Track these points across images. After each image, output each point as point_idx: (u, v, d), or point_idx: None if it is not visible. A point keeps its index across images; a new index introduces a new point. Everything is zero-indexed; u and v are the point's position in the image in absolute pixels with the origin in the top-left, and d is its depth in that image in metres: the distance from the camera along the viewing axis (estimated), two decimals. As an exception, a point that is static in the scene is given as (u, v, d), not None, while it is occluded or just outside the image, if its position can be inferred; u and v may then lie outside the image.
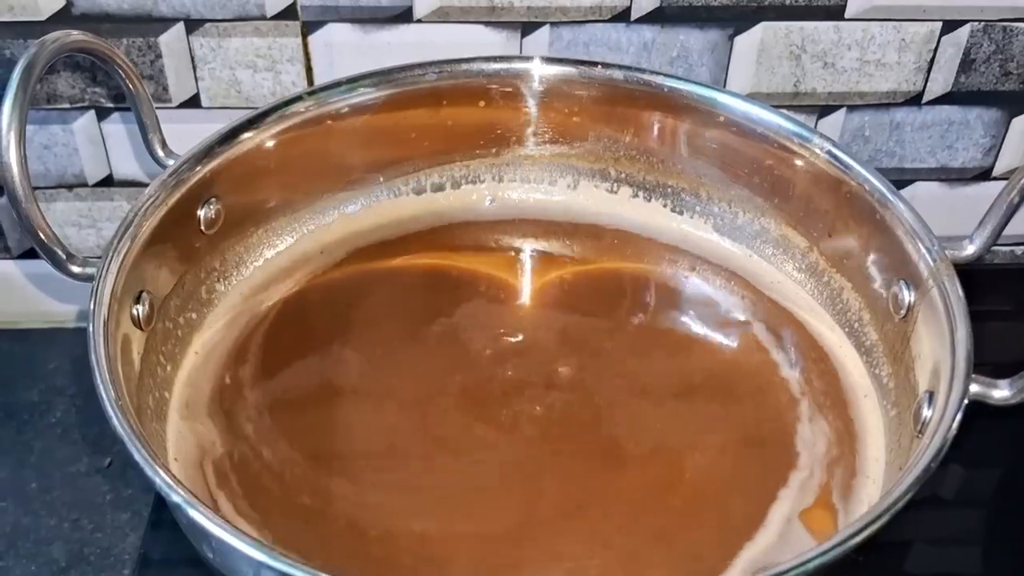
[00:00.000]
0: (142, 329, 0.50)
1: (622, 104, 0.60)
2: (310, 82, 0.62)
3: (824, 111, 0.65)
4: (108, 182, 0.64)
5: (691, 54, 0.62)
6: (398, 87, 0.59)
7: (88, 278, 0.48)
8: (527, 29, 0.61)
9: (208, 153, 0.54)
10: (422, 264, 0.61)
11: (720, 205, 0.61)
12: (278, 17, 0.59)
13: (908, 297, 0.52)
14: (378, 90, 0.59)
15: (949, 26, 0.62)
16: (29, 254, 0.66)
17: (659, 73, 0.59)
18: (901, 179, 0.68)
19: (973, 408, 0.45)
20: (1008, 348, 0.64)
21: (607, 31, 0.61)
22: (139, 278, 0.50)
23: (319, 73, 0.61)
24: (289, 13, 0.59)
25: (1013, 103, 0.65)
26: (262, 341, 0.56)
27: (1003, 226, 0.52)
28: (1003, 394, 0.46)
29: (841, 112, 0.65)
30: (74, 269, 0.49)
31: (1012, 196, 0.51)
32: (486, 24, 0.60)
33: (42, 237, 0.49)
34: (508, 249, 0.62)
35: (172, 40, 0.59)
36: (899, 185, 0.56)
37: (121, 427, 0.42)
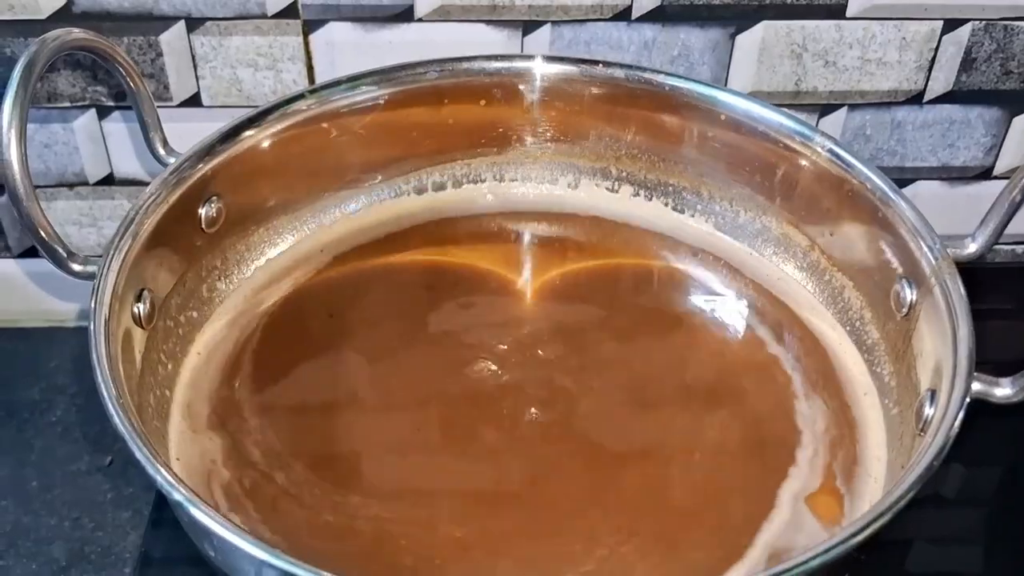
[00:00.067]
0: (143, 327, 0.50)
1: (623, 103, 0.60)
2: (311, 81, 0.62)
3: (825, 110, 0.65)
4: (109, 181, 0.64)
5: (692, 53, 0.62)
6: (399, 86, 0.59)
7: (89, 276, 0.48)
8: (528, 28, 0.61)
9: (209, 151, 0.54)
10: (422, 260, 0.61)
11: (721, 204, 0.61)
12: (279, 16, 0.59)
13: (910, 295, 0.52)
14: (379, 89, 0.59)
15: (950, 25, 0.62)
16: (30, 253, 0.66)
17: (660, 72, 0.59)
18: (902, 178, 0.67)
19: (974, 407, 0.45)
20: (1010, 347, 0.64)
21: (608, 30, 0.61)
22: (140, 276, 0.50)
23: (320, 72, 0.61)
24: (290, 12, 0.59)
25: (1014, 102, 0.65)
26: (262, 343, 0.56)
27: (1005, 225, 0.52)
28: (1005, 392, 0.46)
29: (842, 111, 0.65)
30: (75, 267, 0.49)
31: (1014, 195, 0.51)
32: (487, 23, 0.60)
33: (43, 235, 0.48)
34: (508, 242, 0.62)
35: (173, 38, 0.59)
36: (900, 184, 0.56)
37: (122, 425, 0.42)
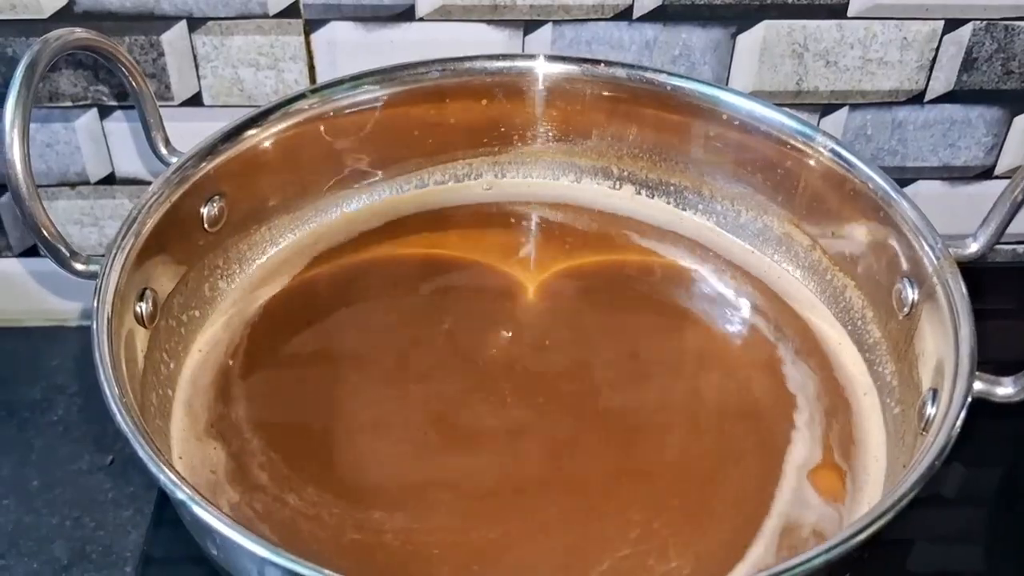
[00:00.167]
0: (145, 327, 0.50)
1: (625, 102, 0.60)
2: (312, 80, 0.62)
3: (826, 110, 0.65)
4: (110, 180, 0.64)
5: (693, 52, 0.62)
6: (401, 85, 0.59)
7: (91, 275, 0.48)
8: (529, 27, 0.61)
9: (211, 151, 0.54)
10: (420, 253, 0.60)
11: (723, 203, 0.61)
12: (281, 15, 0.59)
13: (911, 295, 0.52)
14: (381, 88, 0.59)
15: (951, 25, 0.62)
16: (31, 252, 0.66)
17: (662, 71, 0.59)
18: (903, 178, 0.68)
19: (975, 407, 0.45)
20: (1011, 346, 0.64)
21: (609, 29, 0.61)
22: (143, 275, 0.50)
23: (321, 71, 0.61)
24: (292, 11, 0.59)
25: (1015, 102, 0.65)
26: (259, 343, 0.55)
27: (1006, 224, 0.52)
28: (1007, 391, 0.45)
29: (843, 111, 0.65)
30: (77, 267, 0.49)
31: (1015, 195, 0.51)
32: (488, 22, 0.60)
33: (45, 234, 0.49)
34: (509, 238, 0.62)
35: (175, 38, 0.59)
36: (901, 184, 0.56)
37: (125, 424, 0.42)
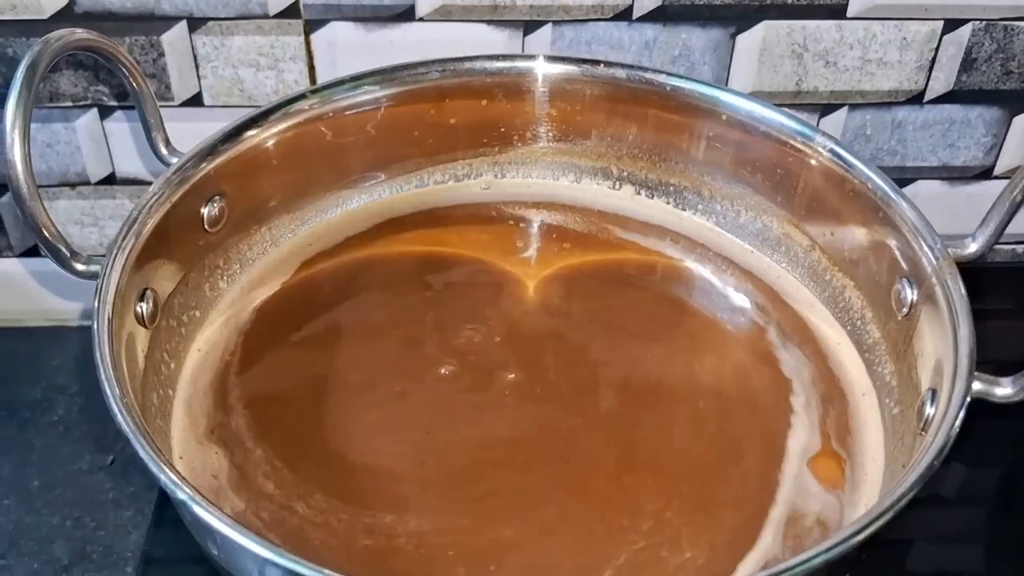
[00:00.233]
0: (146, 327, 0.50)
1: (624, 103, 0.60)
2: (313, 81, 0.62)
3: (826, 110, 0.65)
4: (111, 180, 0.64)
5: (693, 53, 0.62)
6: (401, 85, 0.59)
7: (92, 276, 0.48)
8: (529, 28, 0.61)
9: (212, 151, 0.54)
10: (420, 252, 0.60)
11: (722, 203, 0.61)
12: (281, 15, 0.59)
13: (911, 295, 0.52)
14: (381, 88, 0.59)
15: (950, 25, 0.62)
16: (32, 252, 0.66)
17: (661, 72, 0.59)
18: (903, 178, 0.68)
19: (974, 407, 0.45)
20: (1010, 347, 0.64)
21: (609, 30, 0.61)
22: (143, 276, 0.50)
23: (321, 72, 0.61)
24: (292, 11, 0.59)
25: (1014, 102, 0.65)
26: (256, 343, 0.55)
27: (1005, 224, 0.52)
28: (1006, 392, 0.46)
29: (843, 111, 0.65)
30: (78, 267, 0.49)
31: (1015, 195, 0.51)
32: (488, 23, 0.61)
33: (46, 235, 0.49)
34: (508, 237, 0.62)
35: (175, 38, 0.59)
36: (901, 184, 0.56)
37: (126, 424, 0.42)
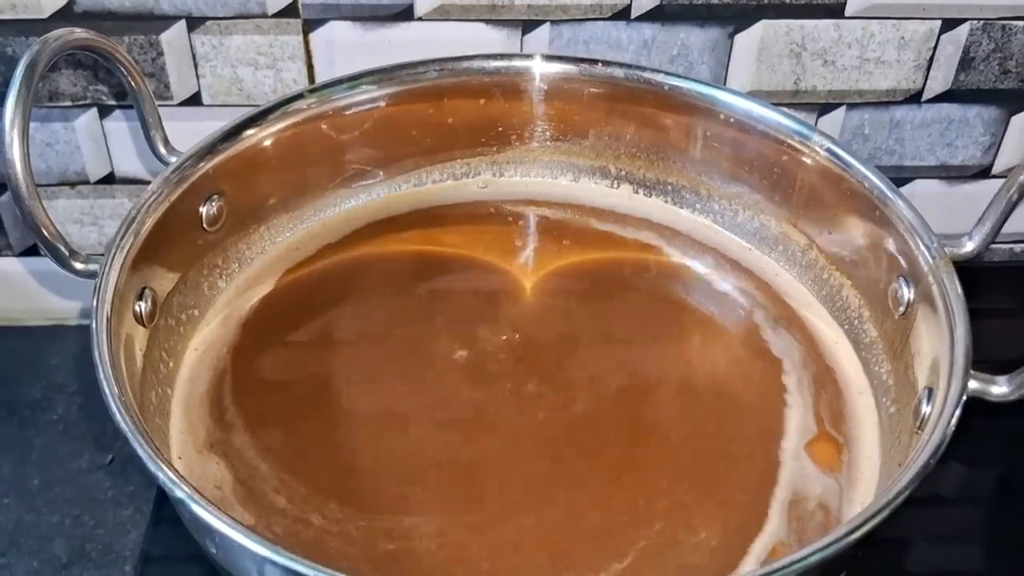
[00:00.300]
0: (145, 326, 0.50)
1: (622, 102, 0.61)
2: (311, 80, 0.62)
3: (824, 109, 0.65)
4: (110, 179, 0.64)
5: (691, 52, 0.62)
6: (399, 85, 0.59)
7: (91, 275, 0.49)
8: (527, 27, 0.61)
9: (211, 150, 0.54)
10: (419, 251, 0.61)
11: (720, 202, 0.61)
12: (279, 15, 0.59)
13: (907, 294, 0.52)
14: (379, 88, 0.59)
15: (948, 24, 0.62)
16: (31, 251, 0.66)
17: (659, 71, 0.59)
18: (901, 177, 0.68)
19: (973, 407, 0.45)
20: (1008, 346, 0.64)
21: (607, 29, 0.61)
22: (142, 275, 0.50)
23: (320, 71, 0.61)
24: (290, 11, 0.59)
25: (1012, 101, 0.65)
26: (258, 344, 0.55)
27: (1002, 223, 0.52)
28: (1001, 390, 0.46)
29: (841, 110, 0.65)
30: (77, 266, 0.49)
31: (1011, 194, 0.51)
32: (487, 22, 0.61)
33: (45, 234, 0.49)
34: (506, 235, 0.62)
35: (174, 38, 0.59)
36: (899, 183, 0.56)
37: (124, 423, 0.42)
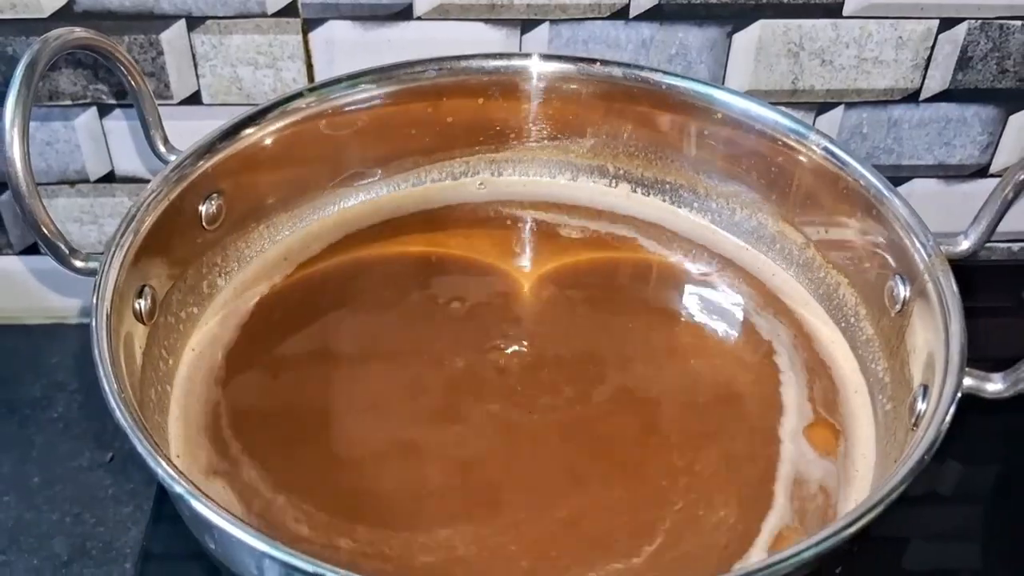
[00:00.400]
0: (144, 324, 0.50)
1: (621, 101, 0.61)
2: (311, 79, 0.62)
3: (822, 108, 0.65)
4: (110, 178, 0.64)
5: (690, 51, 0.62)
6: (398, 84, 0.59)
7: (91, 273, 0.49)
8: (526, 26, 0.61)
9: (210, 149, 0.54)
10: (417, 251, 0.61)
11: (718, 201, 0.61)
12: (279, 14, 0.60)
13: (903, 292, 0.52)
14: (378, 87, 0.59)
15: (946, 24, 0.62)
16: (31, 250, 0.66)
17: (658, 70, 0.59)
18: (898, 176, 0.68)
19: (969, 404, 0.45)
20: (1004, 344, 0.64)
21: (606, 28, 0.61)
22: (141, 273, 0.50)
23: (319, 70, 0.62)
24: (290, 10, 0.59)
25: (1010, 100, 0.65)
26: (256, 344, 0.55)
27: (997, 222, 0.52)
28: (996, 387, 0.46)
29: (839, 109, 0.65)
30: (77, 264, 0.50)
31: (1006, 192, 0.52)
32: (486, 21, 0.61)
33: (45, 232, 0.49)
34: (505, 235, 0.62)
35: (174, 37, 0.60)
36: (896, 182, 0.56)
37: (124, 420, 0.42)
